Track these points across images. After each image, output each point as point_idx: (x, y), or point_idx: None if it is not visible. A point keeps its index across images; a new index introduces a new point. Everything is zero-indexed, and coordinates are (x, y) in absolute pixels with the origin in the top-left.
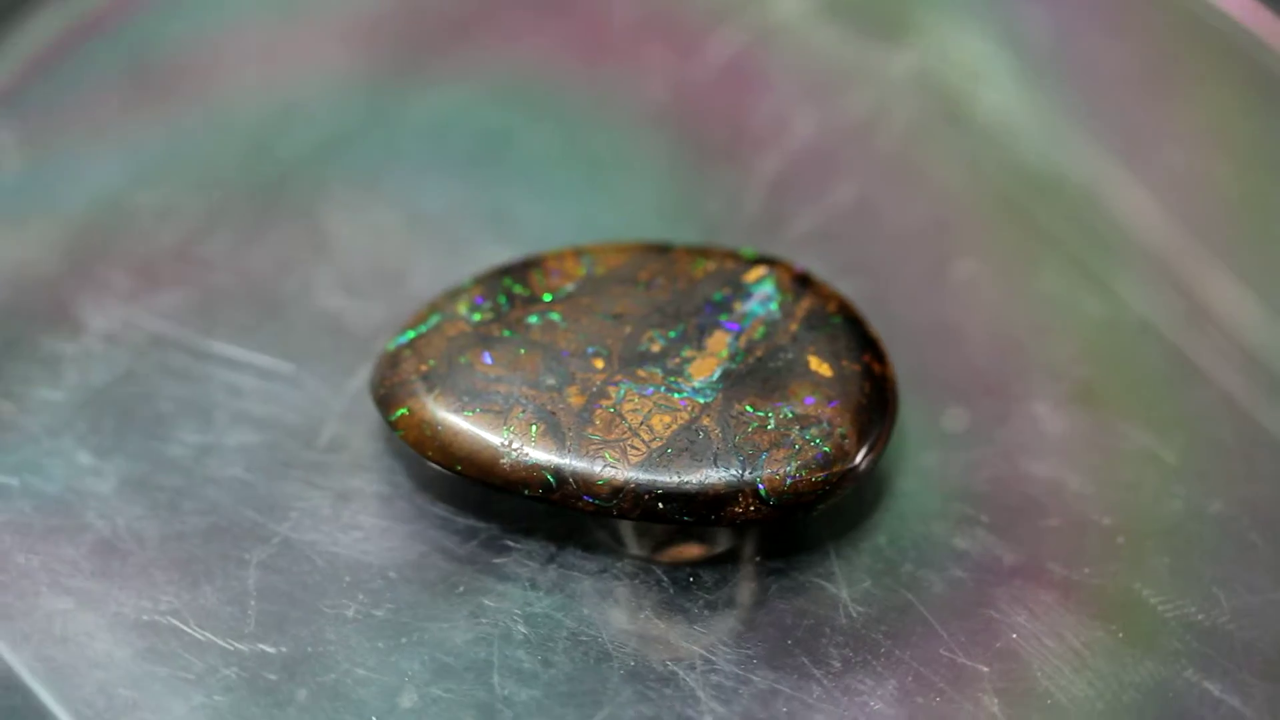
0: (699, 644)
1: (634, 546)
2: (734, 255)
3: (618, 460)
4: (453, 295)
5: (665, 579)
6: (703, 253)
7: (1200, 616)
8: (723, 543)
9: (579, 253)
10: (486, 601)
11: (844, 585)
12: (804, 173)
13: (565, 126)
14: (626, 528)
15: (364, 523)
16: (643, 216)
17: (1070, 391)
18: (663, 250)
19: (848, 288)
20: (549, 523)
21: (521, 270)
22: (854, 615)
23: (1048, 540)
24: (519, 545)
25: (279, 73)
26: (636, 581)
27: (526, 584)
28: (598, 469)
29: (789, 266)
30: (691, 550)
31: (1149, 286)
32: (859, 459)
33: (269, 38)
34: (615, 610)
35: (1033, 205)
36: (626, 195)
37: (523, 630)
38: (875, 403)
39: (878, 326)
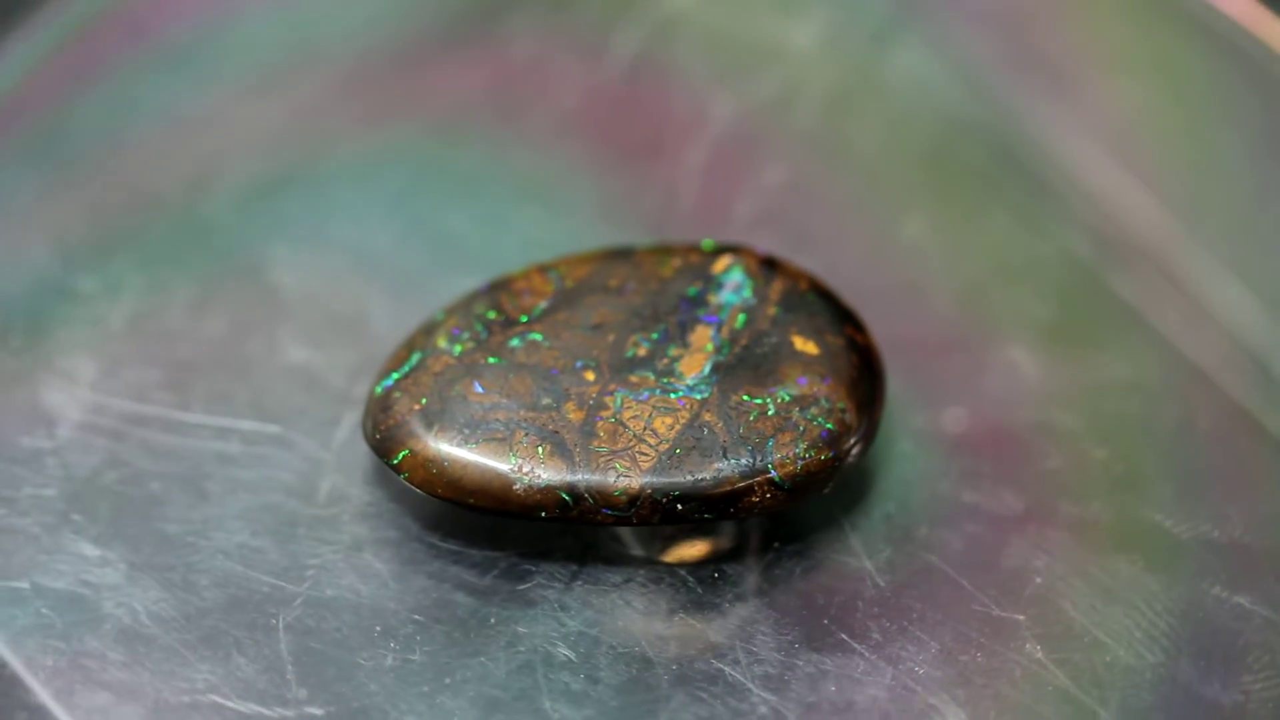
0: (738, 637)
1: (644, 550)
2: (696, 249)
3: (629, 468)
4: (429, 331)
5: (690, 579)
6: (665, 251)
7: (1215, 534)
8: (729, 534)
9: (544, 269)
10: (520, 629)
11: (865, 557)
12: (732, 157)
13: (492, 150)
14: (632, 534)
15: (381, 570)
16: (584, 224)
17: (1041, 332)
18: (625, 254)
19: (802, 264)
20: (563, 541)
21: (491, 295)
22: (881, 585)
23: (1051, 481)
24: (539, 568)
25: (198, 137)
26: (663, 585)
27: (555, 605)
28: (611, 480)
29: (752, 251)
30: (699, 547)
31: (1092, 216)
32: (862, 430)
33: (184, 105)
34: (648, 617)
35: (964, 154)
36: (564, 206)
37: (563, 652)
38: (865, 373)
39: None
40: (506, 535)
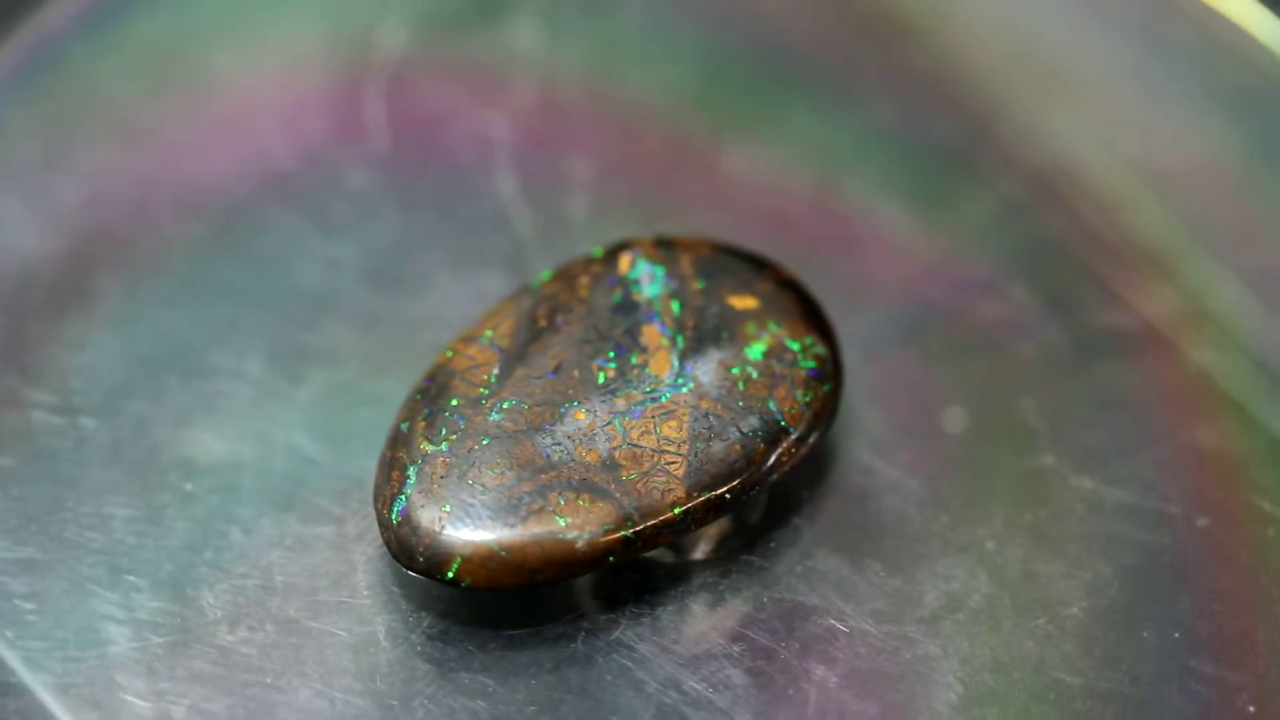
0: (830, 594)
1: (675, 554)
2: (591, 260)
3: (668, 481)
4: (403, 442)
5: (730, 559)
6: (565, 275)
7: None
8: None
9: (467, 341)
10: (639, 675)
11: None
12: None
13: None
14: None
15: (485, 682)
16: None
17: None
18: (531, 293)
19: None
20: (605, 578)
21: (440, 386)
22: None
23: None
24: (616, 614)
25: None
26: (722, 575)
27: (652, 637)
28: (658, 499)
29: (641, 240)
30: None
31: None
32: (835, 354)
33: None
34: (735, 608)
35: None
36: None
37: (691, 683)
38: (806, 304)
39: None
40: (555, 601)
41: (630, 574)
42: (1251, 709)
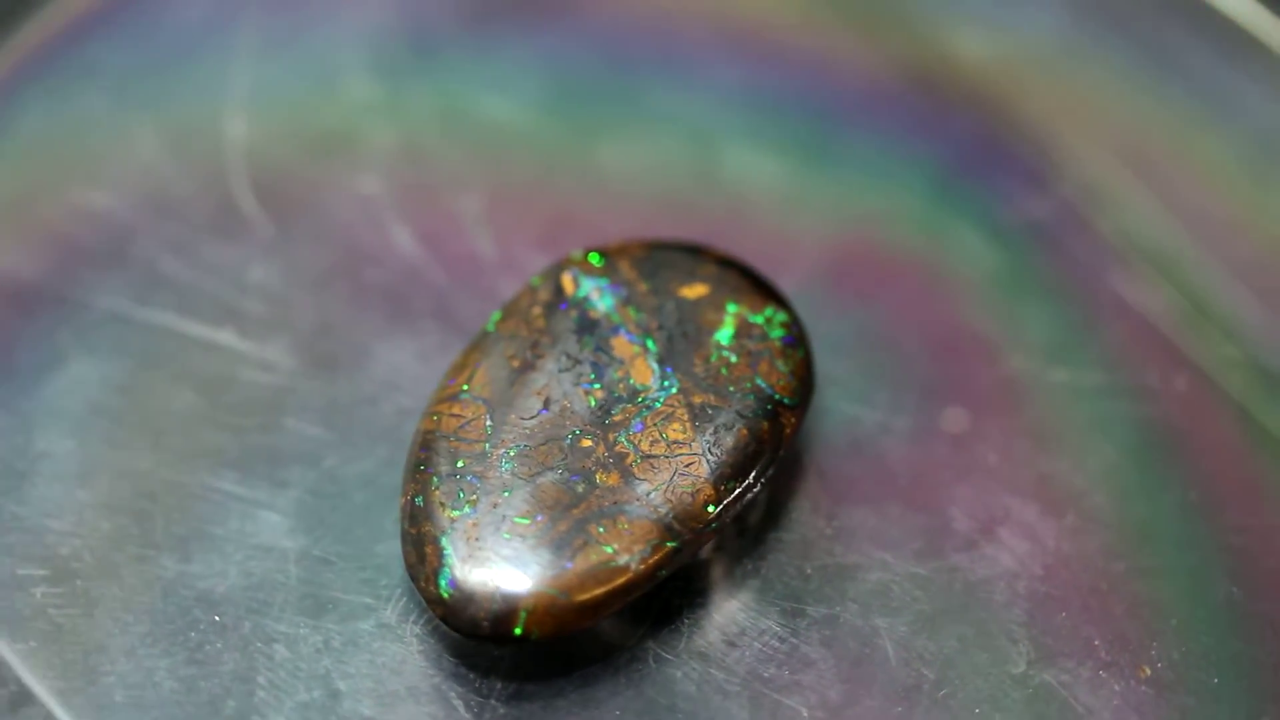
0: (868, 548)
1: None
2: (531, 290)
3: (693, 482)
4: (424, 516)
5: (753, 541)
6: (514, 311)
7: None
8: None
9: (446, 398)
10: (722, 677)
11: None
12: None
13: None
14: None
15: None
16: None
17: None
18: (492, 336)
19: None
20: (656, 597)
21: (438, 451)
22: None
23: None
24: (674, 623)
25: None
26: (757, 561)
27: (719, 640)
28: (691, 501)
29: (572, 257)
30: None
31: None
32: (795, 319)
33: None
34: (783, 585)
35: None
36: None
37: (772, 672)
38: (750, 276)
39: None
40: (611, 631)
41: (673, 582)
42: None
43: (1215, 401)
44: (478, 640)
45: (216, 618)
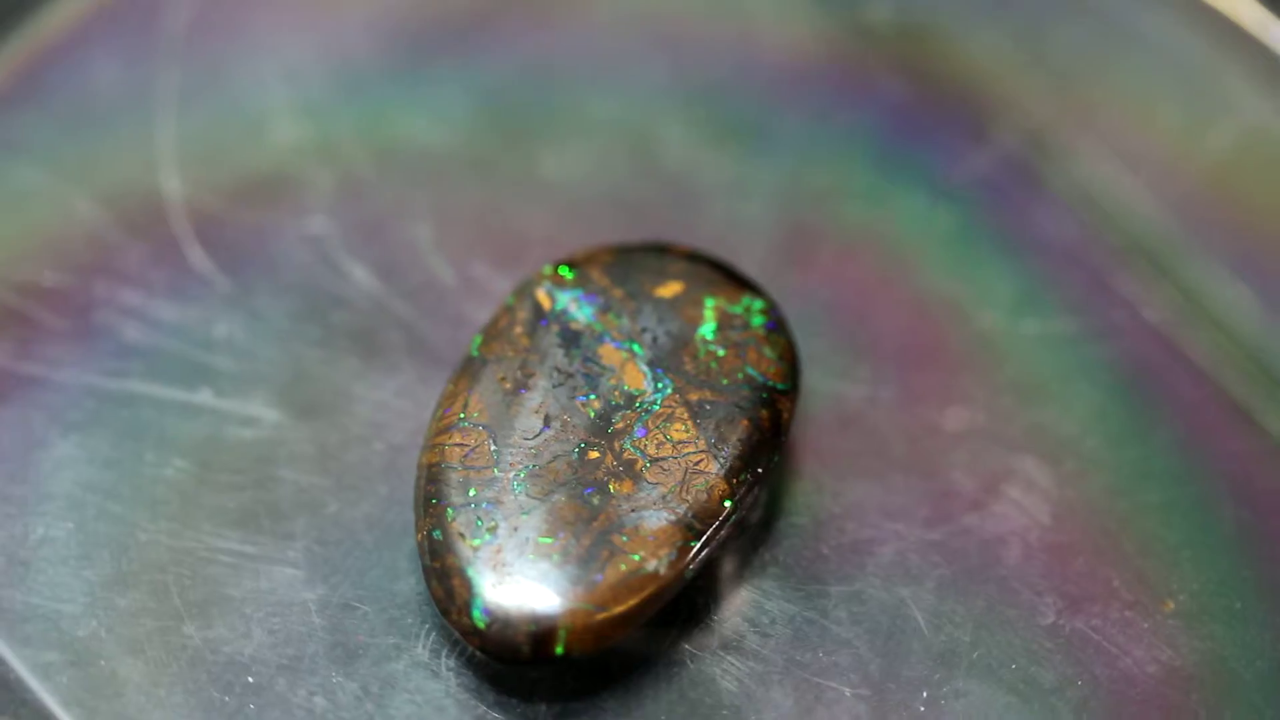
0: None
1: None
2: (508, 309)
3: (705, 478)
4: (448, 548)
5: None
6: (496, 333)
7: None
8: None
9: (444, 429)
10: (762, 669)
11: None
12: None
13: None
14: None
15: None
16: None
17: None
18: (479, 360)
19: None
20: (681, 599)
21: (449, 480)
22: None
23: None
24: (704, 622)
25: None
26: (775, 541)
27: (754, 634)
28: (707, 498)
29: (544, 273)
30: None
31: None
32: (772, 304)
33: None
34: (807, 566)
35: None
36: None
37: (809, 656)
38: (719, 267)
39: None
40: (644, 641)
41: (694, 581)
42: None
43: (1187, 332)
44: (518, 665)
45: (250, 679)
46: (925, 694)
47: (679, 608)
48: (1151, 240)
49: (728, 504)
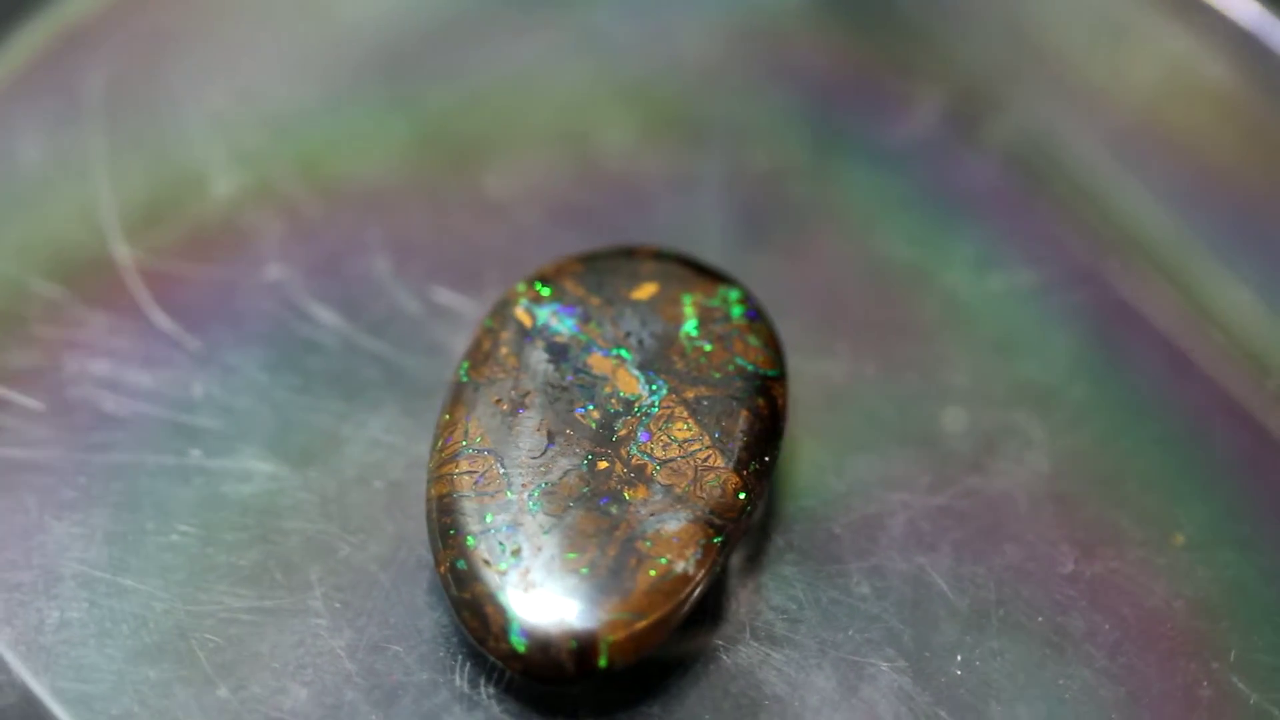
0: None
1: None
2: (490, 331)
3: (717, 475)
4: (475, 577)
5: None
6: (481, 355)
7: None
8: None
9: (448, 458)
10: (799, 656)
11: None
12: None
13: None
14: None
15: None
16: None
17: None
18: (469, 384)
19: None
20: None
21: (460, 514)
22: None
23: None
24: (733, 617)
25: None
26: (798, 534)
27: (784, 622)
28: (721, 493)
29: (520, 289)
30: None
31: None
32: (747, 293)
33: None
34: (825, 550)
35: None
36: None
37: (844, 636)
38: (688, 263)
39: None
40: (677, 643)
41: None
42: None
43: (1150, 270)
44: (561, 684)
45: None
46: (960, 658)
47: (704, 606)
48: (1092, 180)
49: (742, 496)
